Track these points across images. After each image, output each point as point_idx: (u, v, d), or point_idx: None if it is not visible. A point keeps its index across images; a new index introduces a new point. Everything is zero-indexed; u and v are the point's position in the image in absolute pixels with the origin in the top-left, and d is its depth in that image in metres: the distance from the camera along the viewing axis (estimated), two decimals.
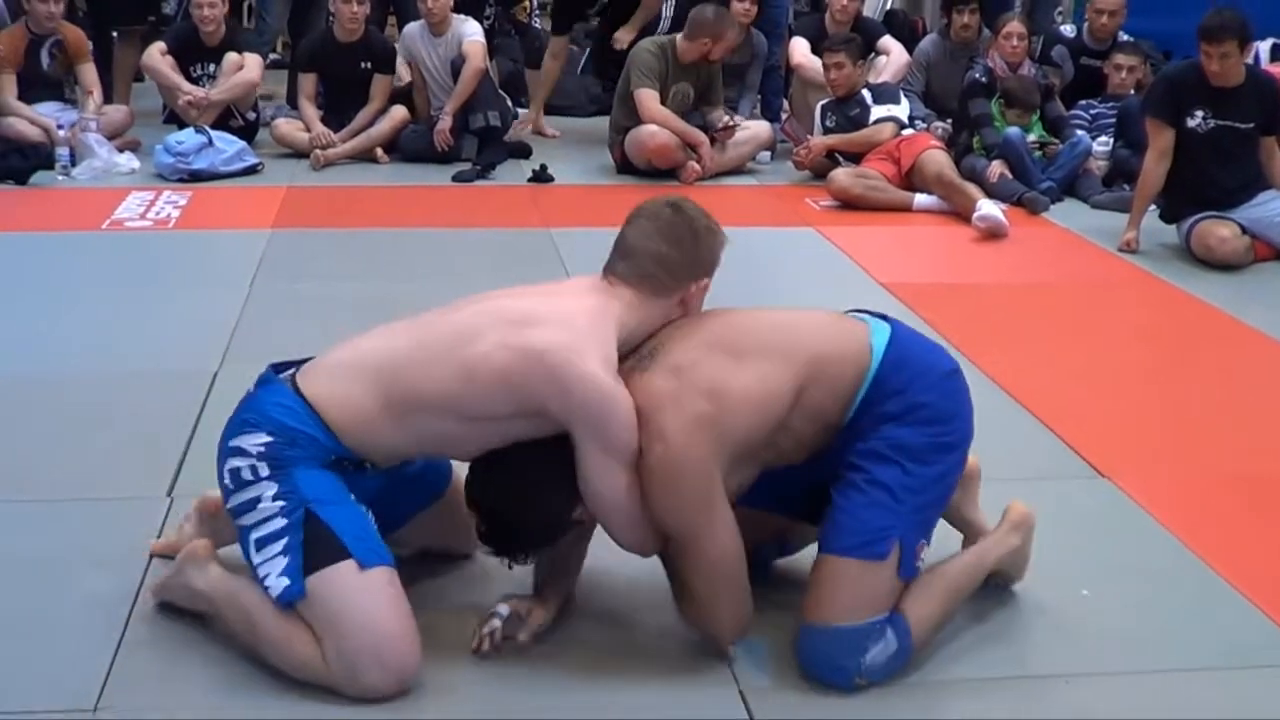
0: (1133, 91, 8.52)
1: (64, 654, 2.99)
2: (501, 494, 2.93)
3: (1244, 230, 6.61)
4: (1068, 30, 9.54)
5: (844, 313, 3.26)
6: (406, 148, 8.71)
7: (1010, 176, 7.86)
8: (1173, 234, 6.90)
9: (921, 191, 7.67)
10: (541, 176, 8.23)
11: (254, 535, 2.93)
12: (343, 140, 8.60)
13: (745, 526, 3.00)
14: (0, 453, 4.11)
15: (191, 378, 4.71)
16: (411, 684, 2.89)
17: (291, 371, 3.09)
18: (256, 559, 2.93)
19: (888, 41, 9.22)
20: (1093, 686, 3.03)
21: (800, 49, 9.05)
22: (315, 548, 2.87)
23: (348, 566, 2.86)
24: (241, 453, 2.95)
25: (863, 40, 8.91)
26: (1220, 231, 6.57)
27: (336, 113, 8.73)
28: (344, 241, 6.79)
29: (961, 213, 7.34)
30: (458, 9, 8.76)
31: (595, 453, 2.86)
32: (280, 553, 2.89)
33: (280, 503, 2.91)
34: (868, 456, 2.99)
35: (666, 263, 3.05)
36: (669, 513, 2.90)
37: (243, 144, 8.38)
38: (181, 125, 8.51)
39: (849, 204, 7.65)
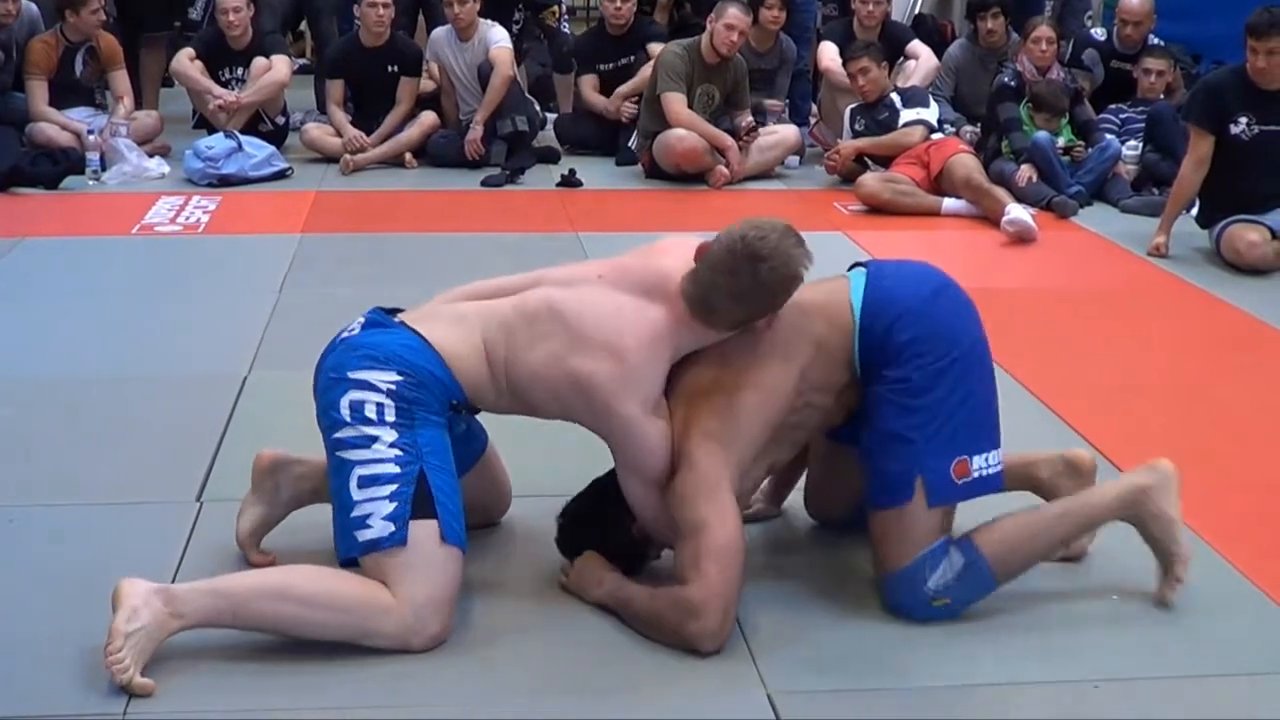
0: (1162, 95, 8.49)
1: (93, 657, 3.00)
2: (584, 521, 3.37)
3: (1274, 234, 6.58)
4: (1098, 34, 9.52)
5: (842, 274, 3.37)
6: (435, 153, 8.73)
7: (1039, 180, 7.84)
8: (1203, 238, 6.87)
9: (950, 196, 7.66)
10: (570, 181, 8.24)
11: (359, 472, 3.06)
12: (374, 144, 8.62)
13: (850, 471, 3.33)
14: (30, 457, 4.14)
15: (221, 382, 4.72)
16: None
17: (399, 316, 3.31)
18: (356, 495, 3.06)
19: (916, 46, 9.20)
20: (1121, 692, 3.02)
21: (828, 53, 9.03)
22: (419, 504, 3.05)
23: (435, 530, 3.05)
24: (369, 387, 3.10)
25: (891, 44, 8.92)
26: (1250, 236, 6.53)
27: (365, 117, 8.76)
28: (373, 246, 6.81)
29: (990, 217, 7.33)
30: (487, 14, 8.78)
31: (629, 476, 3.22)
32: (387, 498, 3.04)
33: (398, 451, 3.06)
34: (872, 405, 3.21)
35: (737, 305, 3.13)
36: (686, 515, 3.10)
37: (272, 149, 8.41)
38: (211, 130, 8.55)
39: (877, 208, 7.64)
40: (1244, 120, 6.65)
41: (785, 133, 8.77)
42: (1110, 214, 7.77)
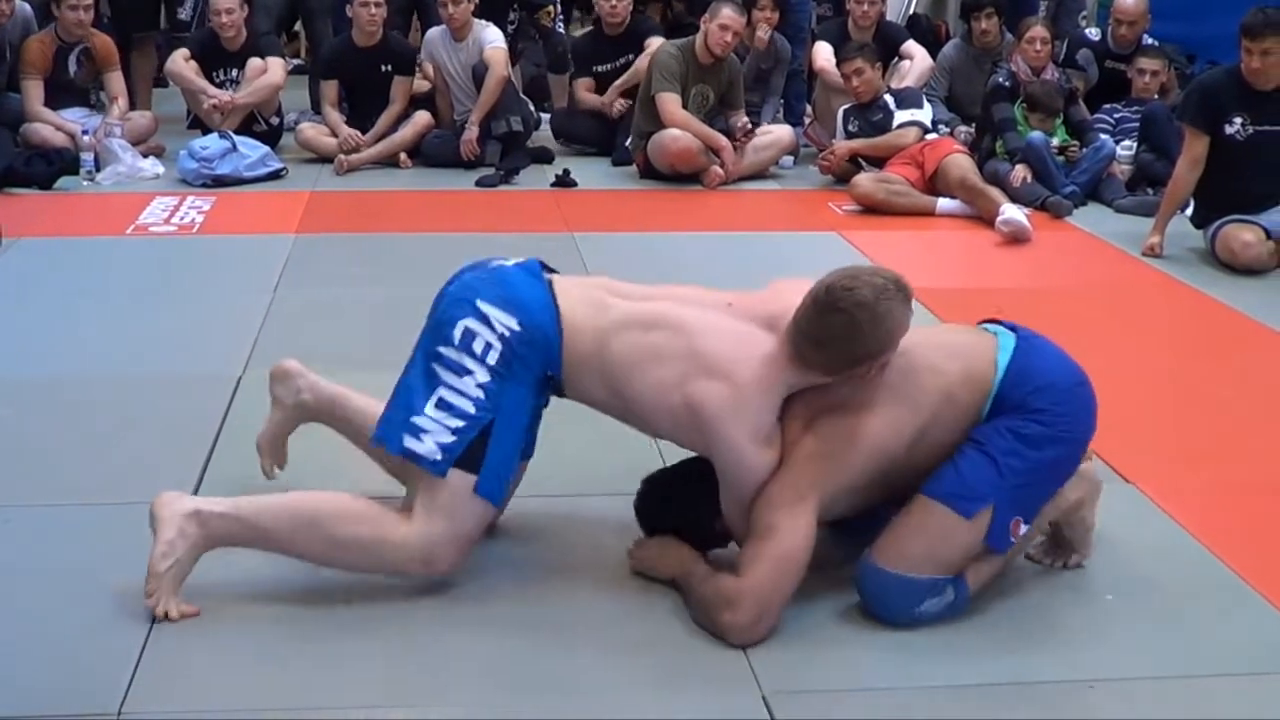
0: (1156, 95, 8.50)
1: (89, 657, 3.00)
2: (669, 491, 3.40)
3: (1269, 235, 6.58)
4: (1092, 34, 9.53)
5: (977, 325, 3.37)
6: (430, 153, 8.72)
7: (1033, 181, 7.85)
8: (1197, 238, 6.88)
9: (944, 196, 7.66)
10: (564, 181, 8.24)
11: (442, 393, 3.20)
12: (368, 143, 8.62)
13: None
14: (25, 456, 4.14)
15: (216, 382, 4.72)
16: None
17: (551, 274, 3.41)
18: (427, 409, 3.20)
19: (911, 46, 9.21)
20: (1116, 692, 3.02)
21: (823, 53, 9.04)
22: (471, 452, 3.18)
23: (472, 482, 3.19)
24: (487, 322, 3.22)
25: (886, 44, 8.92)
26: (1244, 236, 6.54)
27: (360, 117, 8.75)
28: (368, 246, 6.80)
29: (985, 217, 7.33)
30: (482, 13, 8.78)
31: (727, 490, 3.22)
32: (451, 430, 3.18)
33: (481, 395, 3.20)
34: (986, 434, 3.17)
35: (821, 353, 3.12)
36: (759, 510, 3.13)
37: (266, 149, 8.41)
38: (205, 131, 8.54)
39: (872, 208, 7.65)
40: (1238, 120, 6.66)
41: (780, 133, 8.77)
42: (1105, 214, 7.78)
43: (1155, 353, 5.48)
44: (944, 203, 7.63)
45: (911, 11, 11.18)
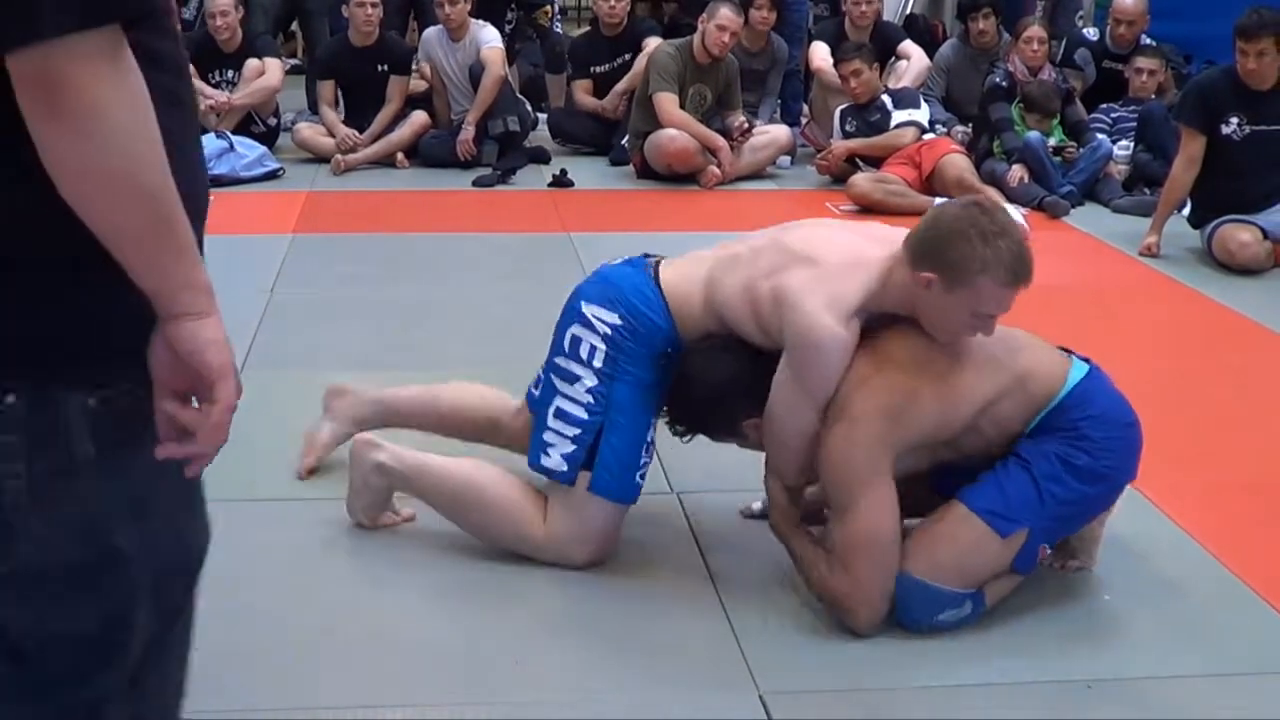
0: (1153, 95, 8.50)
1: None
2: (702, 369, 3.30)
3: (1266, 235, 6.59)
4: (1090, 33, 9.53)
5: (1047, 344, 3.38)
6: (427, 153, 8.73)
7: (1030, 181, 7.85)
8: (1194, 238, 6.88)
9: (942, 196, 7.64)
10: (561, 181, 8.24)
11: (559, 403, 3.38)
12: (365, 143, 8.62)
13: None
14: None
15: None
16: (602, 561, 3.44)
17: (657, 259, 3.51)
18: (550, 421, 3.39)
19: (908, 46, 9.21)
20: (1115, 692, 3.02)
21: (820, 53, 9.04)
22: (591, 454, 3.35)
23: (586, 478, 3.35)
24: (590, 326, 3.37)
25: (883, 44, 8.93)
26: (1241, 236, 6.54)
27: (356, 117, 8.75)
28: (365, 246, 6.80)
29: None
30: (480, 13, 8.78)
31: (788, 379, 3.16)
32: (570, 439, 3.36)
33: (590, 399, 3.35)
34: (1034, 454, 3.15)
35: (917, 237, 3.13)
36: (836, 484, 3.13)
37: (263, 149, 8.41)
38: (202, 131, 8.52)
39: (869, 208, 7.64)
40: (1235, 120, 6.66)
41: (777, 133, 8.78)
42: (1102, 214, 7.78)
43: (1153, 353, 5.48)
44: (941, 203, 7.62)
45: (908, 11, 11.18)
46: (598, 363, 3.34)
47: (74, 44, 1.43)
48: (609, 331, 3.34)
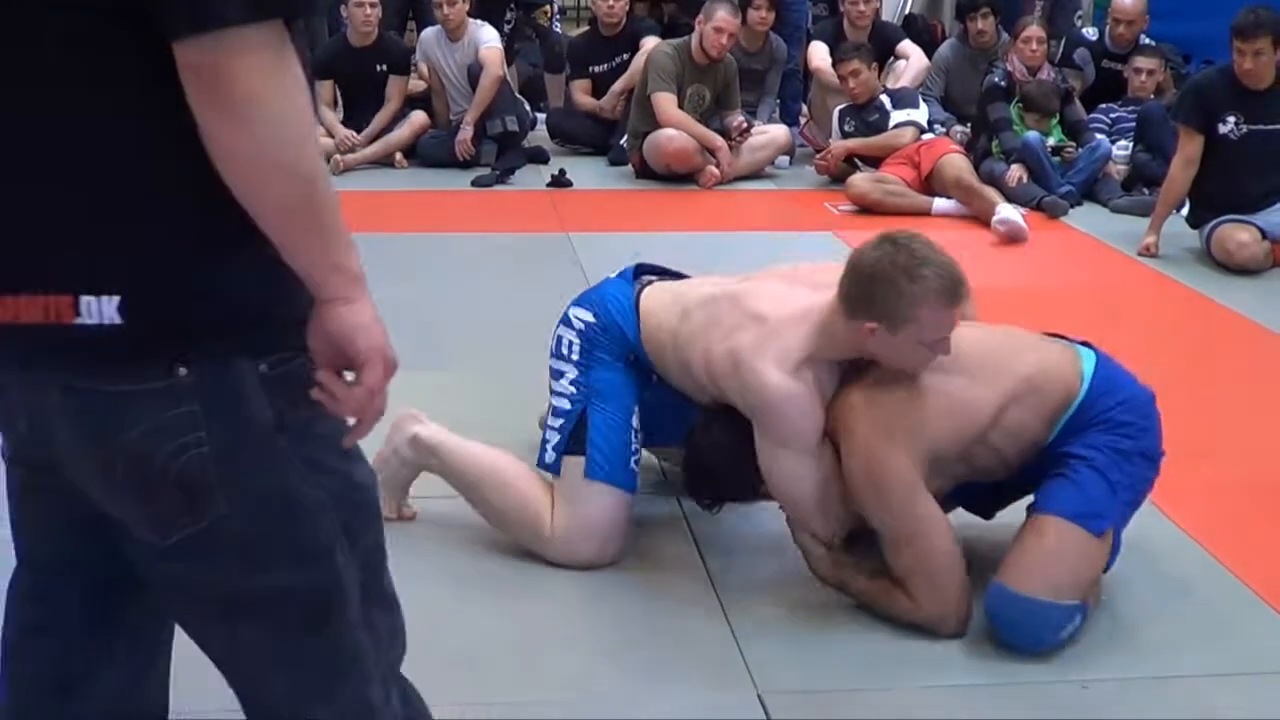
0: (1152, 95, 8.50)
1: None
2: (707, 438, 3.36)
3: (1264, 235, 6.59)
4: (1090, 33, 9.52)
5: (1043, 335, 3.36)
6: (425, 153, 8.72)
7: (1029, 181, 7.85)
8: (1193, 238, 6.88)
9: (940, 196, 7.66)
10: (560, 181, 8.24)
11: (552, 400, 3.52)
12: (364, 143, 8.62)
13: None
14: None
15: None
16: (612, 559, 3.45)
17: (651, 278, 3.62)
18: (549, 419, 3.52)
19: (907, 46, 9.21)
20: (1114, 692, 3.03)
21: (819, 53, 9.04)
22: (574, 440, 3.44)
23: (581, 465, 3.42)
24: (569, 324, 3.53)
25: (881, 44, 8.92)
26: (1240, 236, 6.54)
27: (355, 117, 8.75)
28: (363, 246, 6.58)
29: (980, 217, 7.33)
30: (479, 13, 8.78)
31: (764, 441, 3.20)
32: (558, 430, 3.47)
33: (573, 390, 3.48)
34: (1087, 451, 3.13)
35: (845, 292, 3.10)
36: (879, 515, 3.11)
37: None
38: None
39: (868, 209, 7.64)
40: (1232, 120, 6.66)
41: (775, 133, 8.78)
42: (1100, 214, 7.78)
43: (1151, 352, 5.46)
44: (940, 203, 7.63)
45: (907, 11, 11.18)
46: (575, 355, 3.49)
47: (242, 36, 1.53)
48: (583, 327, 3.50)
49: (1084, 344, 3.34)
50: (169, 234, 1.64)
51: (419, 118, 8.78)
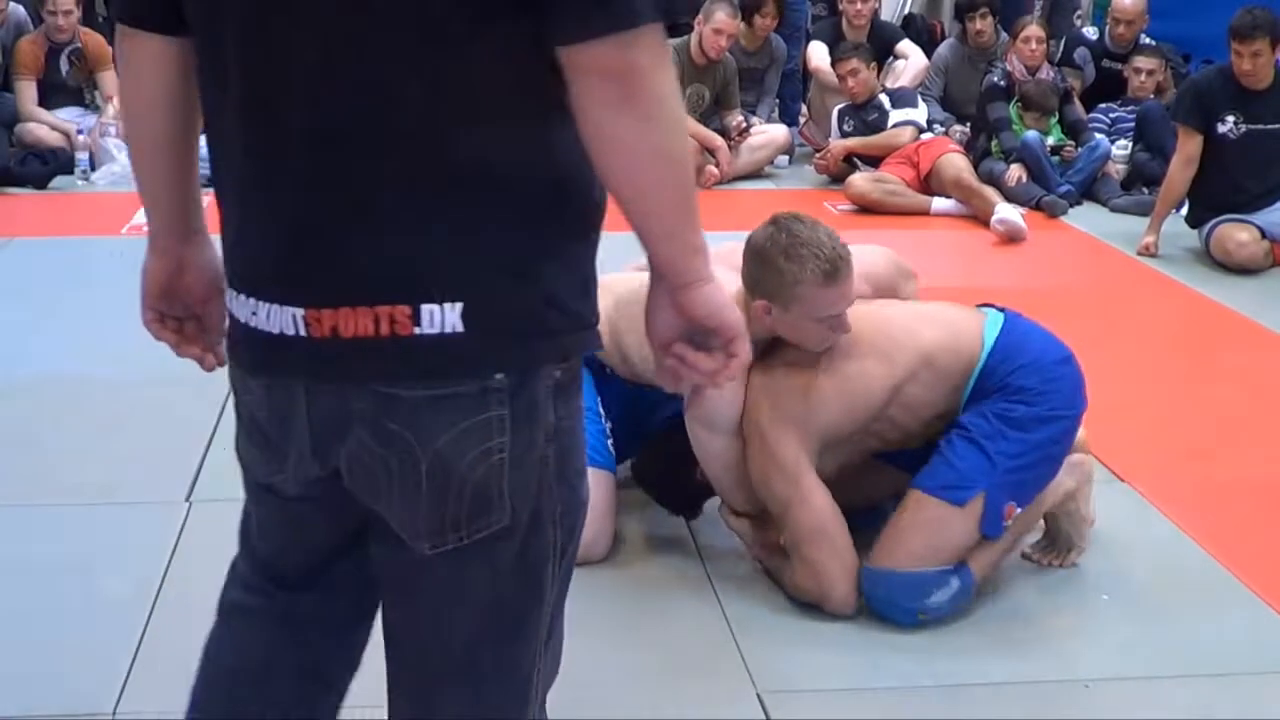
0: (1152, 95, 8.50)
1: (83, 657, 3.00)
2: (651, 467, 3.59)
3: (1264, 234, 6.59)
4: (1089, 33, 9.53)
5: (959, 307, 3.44)
6: None
7: (1028, 180, 7.85)
8: (1192, 238, 6.88)
9: (940, 195, 7.67)
10: None
11: None
12: None
13: (871, 483, 3.43)
14: (20, 456, 4.13)
15: (210, 382, 4.66)
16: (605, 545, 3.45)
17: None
18: None
19: (906, 46, 9.20)
20: (1112, 691, 3.02)
21: (818, 53, 9.03)
22: None
23: None
24: None
25: (880, 44, 8.91)
26: (1239, 235, 6.55)
27: None
28: None
29: (980, 216, 7.34)
30: None
31: (691, 423, 3.28)
32: None
33: None
34: (971, 421, 3.21)
35: (743, 269, 3.19)
36: (768, 494, 3.22)
37: None
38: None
39: (867, 208, 7.65)
40: (1231, 119, 6.67)
41: (775, 132, 8.78)
42: (1100, 213, 7.78)
43: (1150, 352, 5.48)
44: (939, 202, 7.64)
45: (906, 11, 11.18)
46: None
47: (647, 35, 1.54)
48: None
49: (1000, 309, 3.39)
50: (507, 238, 1.63)
51: None
